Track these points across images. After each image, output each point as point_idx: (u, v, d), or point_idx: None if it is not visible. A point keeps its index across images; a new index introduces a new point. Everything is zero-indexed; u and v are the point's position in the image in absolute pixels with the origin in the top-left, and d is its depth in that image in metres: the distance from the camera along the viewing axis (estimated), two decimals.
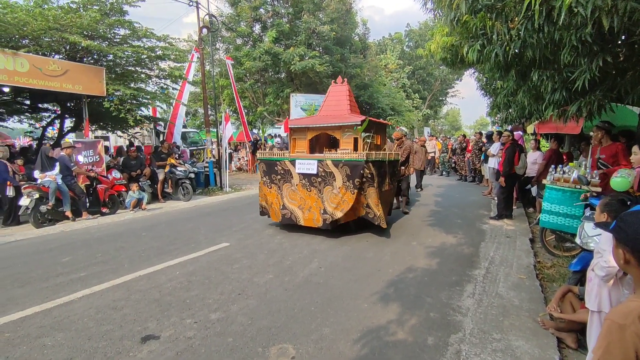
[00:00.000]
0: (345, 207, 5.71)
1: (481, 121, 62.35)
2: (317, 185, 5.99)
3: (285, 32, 18.70)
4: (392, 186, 6.87)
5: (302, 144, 6.49)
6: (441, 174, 16.79)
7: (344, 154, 5.80)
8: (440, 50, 6.66)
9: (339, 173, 5.73)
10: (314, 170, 5.94)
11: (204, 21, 15.14)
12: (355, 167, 5.57)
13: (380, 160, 6.08)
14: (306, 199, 6.11)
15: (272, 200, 6.51)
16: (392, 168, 6.73)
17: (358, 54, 22.37)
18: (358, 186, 5.58)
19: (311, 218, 6.02)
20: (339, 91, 6.82)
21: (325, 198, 5.91)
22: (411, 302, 3.69)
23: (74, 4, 9.44)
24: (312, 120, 6.60)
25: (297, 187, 6.19)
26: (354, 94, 24.95)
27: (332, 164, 5.79)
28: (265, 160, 6.54)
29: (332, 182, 5.83)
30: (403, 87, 33.38)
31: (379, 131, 6.74)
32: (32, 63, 7.75)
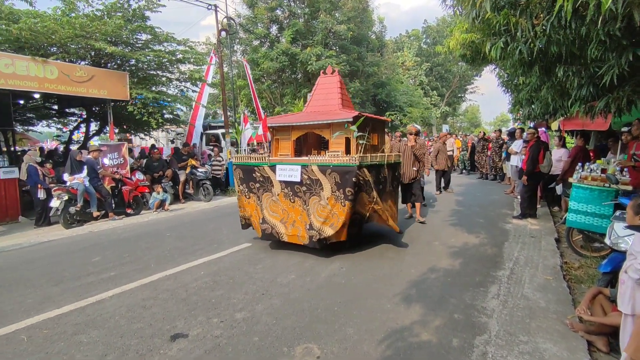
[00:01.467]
0: (335, 221, 4.75)
1: (502, 118, 60.95)
2: (301, 195, 5.01)
3: (302, 32, 18.77)
4: (395, 194, 6.07)
5: (286, 146, 5.62)
6: (461, 172, 16.53)
7: (333, 158, 4.82)
8: (460, 47, 6.58)
9: (326, 181, 4.74)
10: (297, 178, 4.94)
11: (222, 24, 15.37)
12: (346, 173, 4.58)
13: (378, 163, 5.19)
14: (289, 212, 5.15)
15: (252, 212, 5.56)
16: (393, 172, 5.89)
17: (375, 52, 22.25)
18: (350, 197, 4.61)
19: (295, 234, 5.07)
20: (329, 83, 5.79)
21: (312, 211, 4.93)
22: (434, 303, 3.67)
23: (99, 12, 9.76)
24: (297, 118, 5.62)
25: (278, 197, 5.22)
26: (371, 92, 24.60)
27: (319, 170, 4.78)
28: (242, 165, 5.52)
29: (318, 191, 4.85)
30: (421, 85, 33.00)
31: (377, 129, 5.82)
32: (60, 70, 8.05)
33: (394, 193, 5.98)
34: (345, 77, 19.30)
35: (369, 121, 5.22)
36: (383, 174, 5.38)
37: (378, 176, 5.17)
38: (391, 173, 5.73)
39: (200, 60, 11.97)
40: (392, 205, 5.91)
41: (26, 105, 11.59)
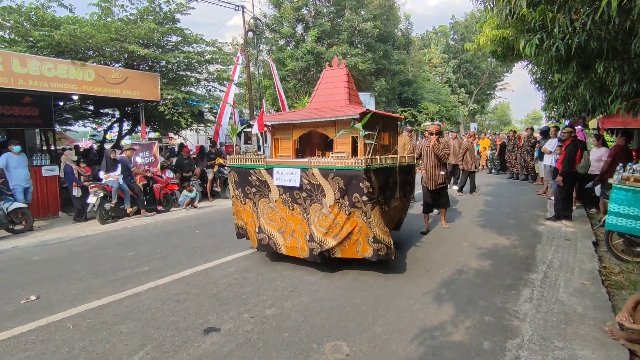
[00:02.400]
0: (339, 232, 4.19)
1: (534, 115, 58.83)
2: (301, 202, 4.45)
3: (327, 31, 18.79)
4: (405, 200, 5.42)
5: (287, 146, 5.06)
6: (490, 172, 16.09)
7: (336, 160, 4.17)
8: (490, 44, 6.41)
9: (329, 186, 4.15)
10: (297, 182, 4.36)
11: (249, 24, 15.62)
12: (352, 178, 4.01)
13: (389, 166, 4.63)
14: (288, 220, 4.61)
15: (247, 219, 5.02)
16: (405, 176, 5.24)
17: (401, 50, 21.99)
18: (357, 204, 4.06)
19: (294, 246, 4.51)
20: (335, 76, 5.16)
21: (312, 220, 4.35)
22: (464, 304, 3.61)
23: (133, 16, 10.15)
24: (298, 115, 5.03)
25: (276, 203, 4.66)
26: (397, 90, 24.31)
27: (320, 174, 4.19)
28: (237, 168, 4.96)
29: (320, 198, 4.26)
30: (448, 82, 32.32)
31: (388, 127, 5.18)
32: (97, 72, 8.43)
33: (404, 200, 5.35)
34: (371, 76, 19.17)
35: (379, 118, 4.71)
36: (393, 178, 4.79)
37: (387, 181, 4.60)
38: (402, 177, 5.10)
39: (228, 60, 12.23)
40: (401, 214, 5.53)
41: (65, 106, 12.22)
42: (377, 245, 4.12)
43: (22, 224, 7.18)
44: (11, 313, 3.62)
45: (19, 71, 7.21)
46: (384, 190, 4.50)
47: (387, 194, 4.65)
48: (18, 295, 4.05)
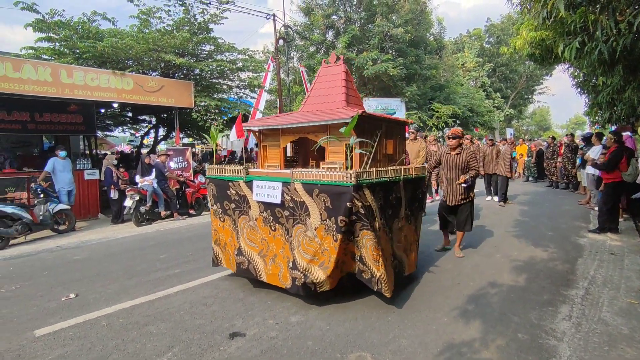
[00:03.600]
0: (327, 259, 3.47)
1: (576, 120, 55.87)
2: (283, 221, 3.79)
3: (358, 37, 18.78)
4: (413, 219, 4.49)
5: (275, 155, 4.40)
6: (526, 179, 15.40)
7: (323, 173, 3.49)
8: (528, 47, 6.17)
9: (314, 204, 3.50)
10: (277, 198, 3.73)
11: (280, 32, 15.90)
12: (339, 195, 3.33)
13: (390, 180, 3.85)
14: (269, 242, 3.95)
15: (226, 239, 4.40)
16: (413, 190, 4.39)
17: (433, 54, 21.58)
18: (343, 228, 3.35)
19: (276, 273, 3.87)
20: (331, 74, 4.43)
21: (296, 243, 3.68)
22: (496, 320, 3.45)
23: (169, 27, 10.61)
24: (287, 119, 4.29)
25: (256, 222, 4.02)
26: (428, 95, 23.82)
27: (304, 189, 3.54)
28: (215, 179, 4.41)
29: (304, 218, 3.60)
30: (482, 87, 31.36)
31: (393, 133, 4.41)
32: (135, 81, 8.86)
33: (412, 219, 4.47)
34: (401, 81, 18.94)
35: (380, 123, 4.07)
36: (396, 194, 4.00)
37: (387, 198, 3.83)
38: (409, 192, 4.30)
39: (259, 67, 12.51)
40: (409, 236, 4.42)
41: (106, 113, 12.94)
42: (362, 265, 3.56)
43: (66, 224, 7.63)
44: (53, 310, 3.83)
45: (66, 81, 7.71)
46: (383, 210, 3.74)
47: (388, 214, 3.87)
48: (59, 292, 4.29)
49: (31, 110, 9.00)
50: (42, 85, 7.43)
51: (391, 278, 3.66)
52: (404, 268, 4.19)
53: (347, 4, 20.28)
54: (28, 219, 6.73)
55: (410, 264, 4.37)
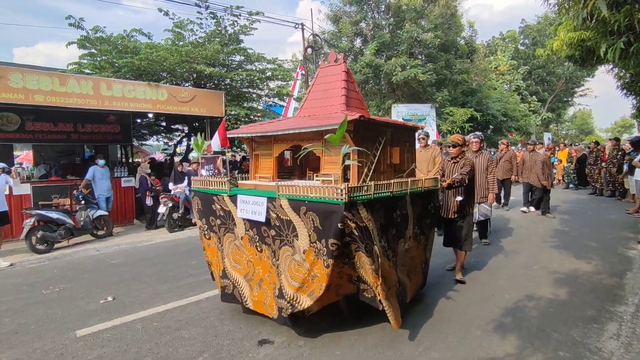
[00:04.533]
0: (317, 288, 2.96)
1: (622, 123, 52.60)
2: (270, 242, 3.31)
3: (387, 43, 18.68)
4: (423, 238, 3.97)
5: (268, 165, 3.95)
6: (566, 186, 14.63)
7: (311, 187, 2.98)
8: (566, 48, 5.88)
9: (302, 224, 2.98)
10: (262, 216, 3.23)
11: (309, 41, 16.10)
12: (329, 215, 2.80)
13: (393, 195, 3.29)
14: (255, 265, 3.50)
15: (212, 258, 3.99)
16: (423, 205, 3.87)
17: (464, 59, 21.09)
18: (335, 252, 2.80)
19: (262, 300, 3.42)
20: (331, 75, 3.92)
21: (283, 268, 3.19)
22: (533, 336, 3.27)
23: (201, 39, 11.02)
24: (279, 125, 3.81)
25: (242, 242, 3.57)
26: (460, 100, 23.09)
27: (290, 206, 3.04)
28: (199, 192, 3.98)
29: (291, 239, 3.10)
30: (517, 90, 30.27)
31: (400, 140, 3.84)
32: (169, 92, 9.22)
33: (422, 238, 3.93)
34: (431, 87, 18.61)
35: (385, 128, 3.59)
36: (401, 211, 3.47)
37: (390, 216, 3.31)
38: (418, 208, 3.77)
39: (287, 76, 12.70)
40: (417, 257, 3.88)
41: (141, 123, 13.53)
42: (363, 284, 3.16)
43: (104, 229, 8.00)
44: (92, 311, 4.01)
45: (105, 94, 8.14)
46: (385, 230, 3.22)
47: (392, 234, 3.35)
48: (98, 295, 4.49)
49: (74, 122, 9.58)
50: (85, 98, 7.88)
51: (396, 308, 3.22)
52: (405, 295, 3.62)
53: (375, 10, 20.27)
54: (71, 224, 7.11)
55: (413, 289, 3.79)
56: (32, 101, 7.32)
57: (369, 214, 2.90)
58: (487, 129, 23.77)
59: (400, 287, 3.51)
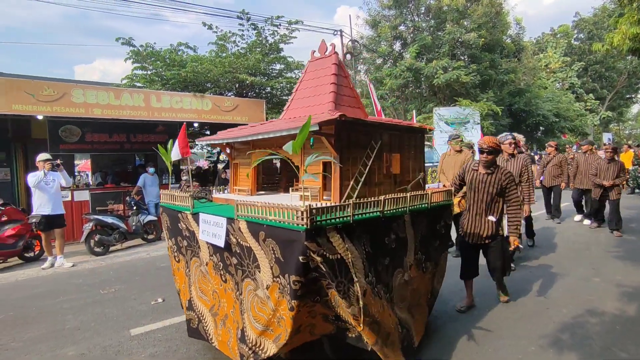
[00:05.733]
0: (283, 333, 2.32)
1: None
2: (233, 271, 2.72)
3: (428, 45, 18.29)
4: (431, 265, 3.27)
5: (245, 175, 3.51)
6: (632, 191, 13.41)
7: (271, 206, 2.31)
8: (629, 42, 5.43)
9: (262, 254, 2.38)
10: (222, 240, 2.65)
11: (347, 47, 16.14)
12: (289, 244, 2.20)
13: (386, 215, 2.62)
14: (221, 297, 2.93)
15: (180, 284, 3.48)
16: (430, 225, 3.17)
17: (511, 58, 20.14)
18: (299, 292, 2.18)
19: (225, 340, 2.85)
20: (320, 69, 3.32)
21: (246, 305, 2.57)
22: (597, 355, 2.99)
23: (243, 50, 11.42)
24: (256, 129, 3.19)
25: (207, 268, 3.01)
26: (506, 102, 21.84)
27: (249, 231, 2.45)
28: (167, 208, 3.46)
29: (253, 271, 2.50)
30: (571, 88, 28.34)
31: (401, 145, 3.21)
32: (213, 102, 9.62)
33: (428, 265, 3.21)
34: (476, 88, 17.91)
35: (379, 131, 2.95)
36: (397, 234, 2.75)
37: (380, 241, 2.62)
38: (424, 228, 3.08)
39: None
40: (422, 287, 3.17)
41: (187, 132, 14.20)
42: (341, 323, 2.47)
43: (153, 234, 8.44)
44: (144, 312, 4.23)
45: (155, 105, 8.65)
46: (374, 260, 2.53)
47: (384, 265, 2.65)
48: (149, 296, 4.72)
49: (127, 132, 10.26)
50: (137, 110, 8.41)
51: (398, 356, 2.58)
52: (412, 338, 2.93)
53: (415, 13, 19.94)
54: (124, 228, 7.58)
55: (420, 327, 3.10)
56: (91, 114, 7.94)
57: (345, 241, 2.25)
58: (536, 130, 22.45)
59: (404, 330, 2.81)
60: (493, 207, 3.63)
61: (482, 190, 3.62)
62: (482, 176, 3.62)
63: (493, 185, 3.56)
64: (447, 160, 5.78)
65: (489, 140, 3.61)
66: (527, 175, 4.90)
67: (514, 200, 3.58)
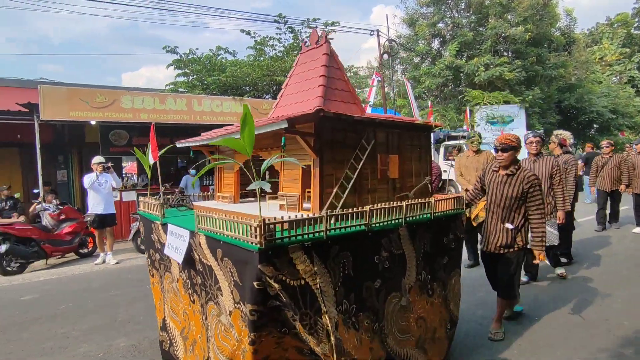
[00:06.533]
0: None
1: None
2: (199, 292, 2.36)
3: (468, 42, 17.65)
4: (439, 287, 2.77)
5: (230, 181, 3.23)
6: None
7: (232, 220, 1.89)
8: None
9: (222, 274, 2.00)
10: (181, 256, 2.35)
11: (384, 47, 15.92)
12: (244, 266, 1.80)
13: (373, 229, 2.19)
14: (190, 319, 2.56)
15: (157, 301, 3.21)
16: (435, 240, 2.68)
17: (560, 52, 18.97)
18: (258, 323, 1.76)
19: None
20: (311, 61, 2.92)
21: (212, 332, 2.18)
22: None
23: (280, 53, 11.61)
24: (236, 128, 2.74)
25: (178, 285, 2.67)
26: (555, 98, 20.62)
27: (208, 247, 2.10)
28: (142, 217, 3.23)
29: (215, 293, 2.11)
30: (631, 82, 26.19)
31: (400, 145, 2.78)
32: (252, 105, 9.83)
33: (434, 287, 2.72)
34: (520, 85, 17.03)
35: (372, 129, 2.54)
36: (391, 251, 2.32)
37: (369, 259, 2.21)
38: (428, 242, 2.61)
39: (363, 83, 12.72)
40: (431, 316, 2.68)
41: None
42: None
43: None
44: None
45: (197, 109, 8.98)
46: (357, 284, 2.13)
47: (373, 289, 2.24)
48: None
49: (170, 136, 10.70)
50: (180, 114, 8.78)
51: None
52: None
53: (455, 9, 19.34)
54: None
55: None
56: (138, 119, 8.38)
57: (314, 264, 1.87)
58: (589, 128, 20.94)
59: None
60: (512, 214, 3.15)
61: (500, 193, 3.17)
62: (502, 177, 3.19)
63: (513, 188, 3.10)
64: (465, 162, 5.25)
65: (503, 137, 3.19)
66: (559, 176, 4.21)
67: (537, 208, 3.08)
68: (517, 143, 3.14)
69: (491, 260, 3.36)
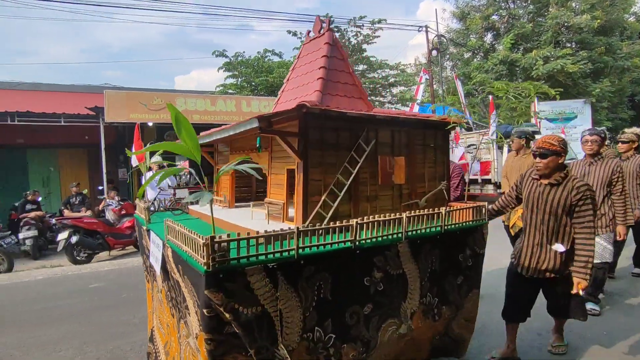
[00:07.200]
0: None
1: None
2: (177, 306, 2.04)
3: (526, 34, 16.54)
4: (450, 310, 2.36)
5: (226, 182, 3.07)
6: None
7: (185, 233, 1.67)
8: None
9: (187, 292, 1.74)
10: (158, 266, 2.17)
11: (433, 43, 15.40)
12: (197, 289, 1.57)
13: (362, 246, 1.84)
14: (171, 334, 2.28)
15: (149, 308, 2.97)
16: (447, 257, 2.28)
17: (635, 40, 17.19)
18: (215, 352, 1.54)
19: None
20: (313, 52, 2.72)
21: (183, 353, 1.99)
22: None
23: None
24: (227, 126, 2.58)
25: (162, 295, 2.42)
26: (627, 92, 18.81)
27: (173, 261, 1.87)
28: (137, 220, 3.06)
29: (184, 312, 1.85)
30: None
31: (409, 144, 2.48)
32: None
33: (443, 312, 2.34)
34: (585, 78, 15.66)
35: (372, 127, 2.25)
36: (386, 271, 1.96)
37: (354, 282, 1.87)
38: (436, 260, 2.22)
39: (410, 81, 12.40)
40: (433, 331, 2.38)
41: None
42: None
43: None
44: None
45: (245, 110, 9.27)
46: (337, 308, 1.81)
47: (358, 315, 1.89)
48: None
49: None
50: (229, 115, 9.11)
51: None
52: None
53: (511, 0, 18.23)
54: None
55: None
56: (190, 120, 8.76)
57: (278, 287, 1.59)
58: None
59: None
60: (560, 232, 2.50)
61: (543, 207, 2.51)
62: (543, 187, 2.52)
63: (558, 200, 2.44)
64: (510, 163, 4.48)
65: (542, 140, 2.51)
66: (621, 184, 3.43)
67: (586, 226, 2.39)
68: (561, 146, 2.44)
69: (528, 285, 2.69)
